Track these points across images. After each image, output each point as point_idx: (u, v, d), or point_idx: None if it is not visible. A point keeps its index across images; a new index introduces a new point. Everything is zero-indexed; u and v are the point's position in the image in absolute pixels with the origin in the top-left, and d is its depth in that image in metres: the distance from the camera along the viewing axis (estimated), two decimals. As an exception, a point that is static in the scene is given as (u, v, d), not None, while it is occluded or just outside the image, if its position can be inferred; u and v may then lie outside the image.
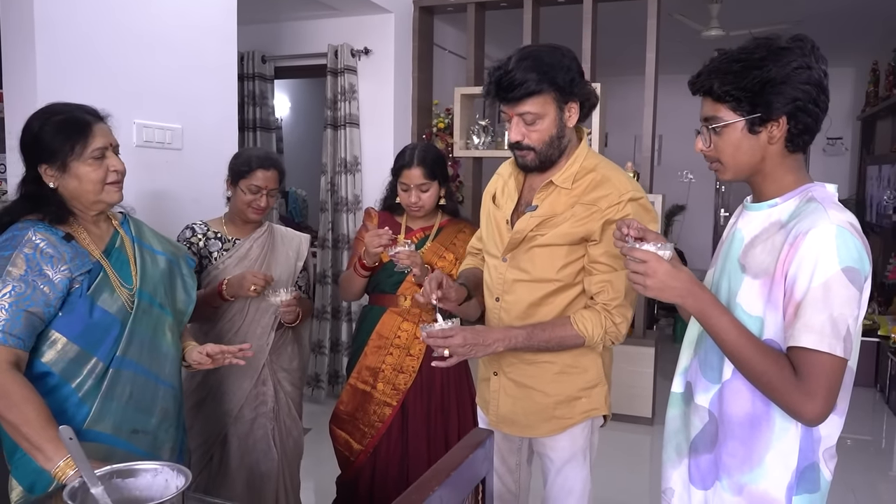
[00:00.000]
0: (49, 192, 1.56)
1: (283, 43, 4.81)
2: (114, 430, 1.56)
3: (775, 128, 1.29)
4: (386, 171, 4.44)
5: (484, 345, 1.64)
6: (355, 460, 2.43)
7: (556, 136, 1.71)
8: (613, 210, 1.68)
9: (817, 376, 1.19)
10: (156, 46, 2.62)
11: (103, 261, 1.59)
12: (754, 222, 1.37)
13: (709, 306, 1.28)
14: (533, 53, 1.69)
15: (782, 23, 5.55)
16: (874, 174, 6.52)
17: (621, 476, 3.77)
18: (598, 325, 1.69)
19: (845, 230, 1.21)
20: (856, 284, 1.20)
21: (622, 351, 4.33)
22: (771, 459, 1.31)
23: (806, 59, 1.26)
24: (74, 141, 1.54)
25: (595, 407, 1.83)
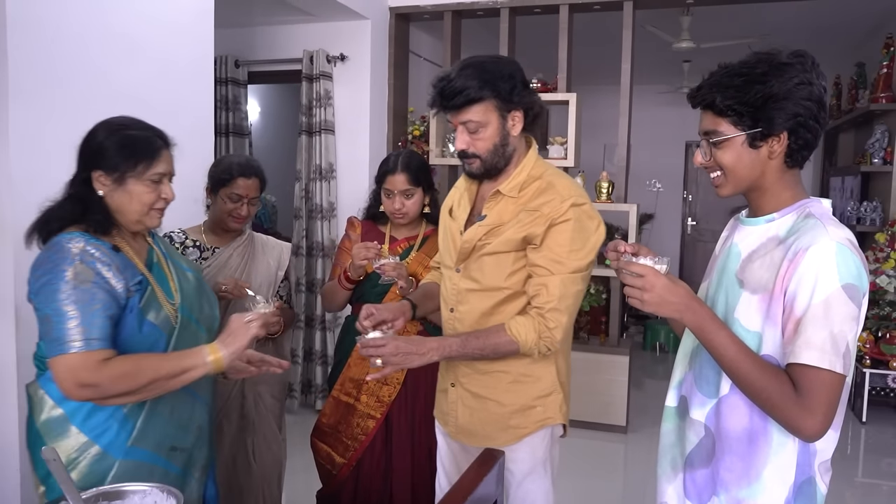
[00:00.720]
0: (96, 198, 1.52)
1: (256, 48, 4.74)
2: (154, 448, 1.53)
3: (776, 143, 1.29)
4: (361, 178, 4.47)
5: (418, 353, 1.64)
6: (338, 474, 2.39)
7: (500, 143, 1.73)
8: (555, 214, 1.68)
9: (817, 393, 1.19)
10: (131, 49, 2.56)
11: (148, 275, 1.57)
12: (751, 237, 1.36)
13: (707, 321, 1.28)
14: (475, 62, 1.72)
15: (749, 37, 5.67)
16: (837, 185, 6.68)
17: (595, 485, 3.79)
18: (532, 331, 1.68)
19: (845, 247, 1.22)
20: (855, 301, 1.21)
21: (596, 360, 4.35)
22: (769, 475, 1.31)
23: (807, 75, 1.27)
24: (140, 159, 1.52)
25: (550, 416, 1.82)
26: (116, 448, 1.48)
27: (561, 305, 1.68)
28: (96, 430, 1.47)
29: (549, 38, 4.58)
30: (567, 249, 1.68)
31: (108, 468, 1.46)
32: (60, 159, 2.27)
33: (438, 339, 1.70)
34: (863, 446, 4.38)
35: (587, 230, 1.71)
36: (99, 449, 1.46)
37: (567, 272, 1.68)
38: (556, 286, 1.67)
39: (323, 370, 4.49)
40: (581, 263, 1.69)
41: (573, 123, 4.31)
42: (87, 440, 1.46)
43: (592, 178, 4.56)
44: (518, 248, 1.73)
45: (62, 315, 1.38)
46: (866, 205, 5.48)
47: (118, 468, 1.47)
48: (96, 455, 1.46)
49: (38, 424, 1.48)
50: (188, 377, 1.46)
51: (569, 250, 1.68)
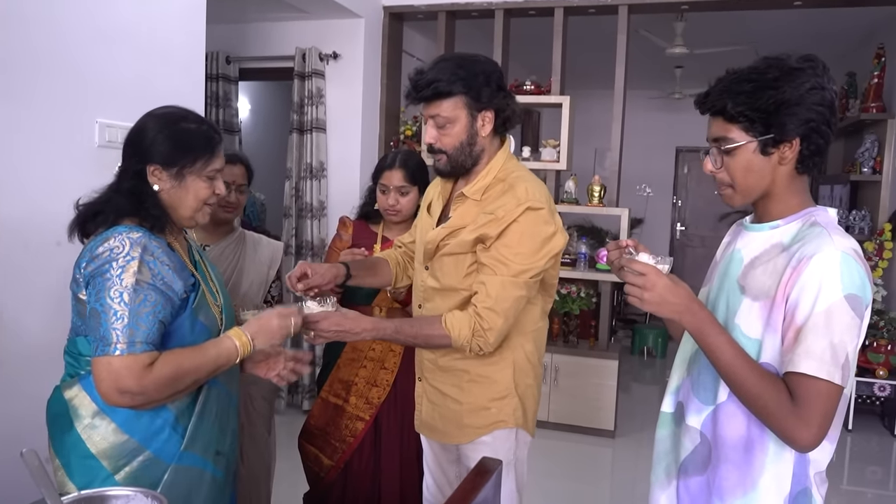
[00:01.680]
0: (151, 192, 1.47)
1: (248, 44, 4.70)
2: (203, 452, 1.49)
3: (788, 149, 1.27)
4: (352, 177, 4.44)
5: (352, 332, 1.64)
6: (325, 476, 2.36)
7: (468, 142, 1.71)
8: (508, 217, 1.66)
9: (814, 403, 1.18)
10: (121, 43, 2.51)
11: (197, 275, 1.53)
12: (754, 243, 1.34)
13: (706, 324, 1.26)
14: (452, 57, 1.72)
15: (741, 44, 5.69)
16: (826, 194, 6.71)
17: (583, 489, 3.78)
18: (467, 327, 1.66)
19: (850, 257, 1.20)
20: (857, 312, 1.19)
21: (585, 364, 4.34)
22: (764, 484, 1.30)
23: (819, 80, 1.24)
24: (200, 154, 1.49)
25: (503, 419, 1.80)
26: (169, 453, 1.43)
27: (497, 307, 1.65)
28: (146, 434, 1.41)
29: (544, 41, 4.57)
30: (514, 252, 1.65)
31: (161, 474, 1.41)
32: (48, 153, 2.24)
33: (375, 320, 1.69)
34: (848, 454, 4.40)
35: (539, 235, 1.67)
36: (150, 454, 1.41)
37: (510, 274, 1.65)
38: (495, 286, 1.65)
39: (311, 371, 4.46)
40: (526, 267, 1.65)
41: (566, 126, 4.30)
42: (137, 444, 1.40)
43: (584, 181, 4.56)
44: (473, 250, 1.72)
45: (110, 313, 1.33)
46: (855, 214, 5.51)
47: (171, 474, 1.42)
48: (146, 460, 1.41)
49: (79, 430, 1.40)
50: (222, 369, 1.46)
51: (515, 252, 1.65)
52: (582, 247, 4.56)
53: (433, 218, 1.87)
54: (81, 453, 1.40)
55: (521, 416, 1.82)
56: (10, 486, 2.07)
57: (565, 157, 4.33)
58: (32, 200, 2.17)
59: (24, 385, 2.06)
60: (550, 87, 4.45)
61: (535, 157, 4.50)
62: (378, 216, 2.40)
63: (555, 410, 4.39)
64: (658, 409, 1.54)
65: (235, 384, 1.63)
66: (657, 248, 8.97)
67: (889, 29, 5.39)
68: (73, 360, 1.47)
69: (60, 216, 2.06)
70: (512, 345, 1.79)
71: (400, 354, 2.31)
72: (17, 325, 2.13)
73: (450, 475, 1.96)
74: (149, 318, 1.36)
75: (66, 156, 2.30)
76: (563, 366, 4.38)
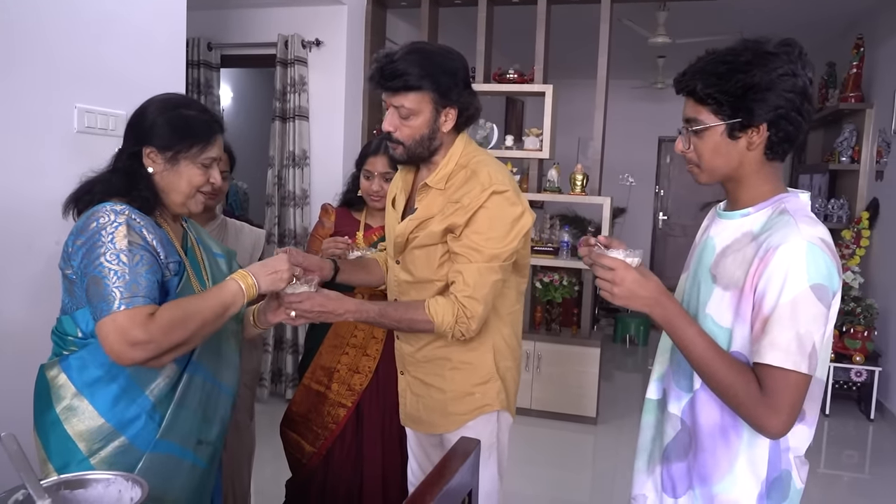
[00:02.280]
0: (145, 174, 1.48)
1: (230, 30, 4.66)
2: (182, 441, 1.48)
3: (755, 134, 1.26)
4: (335, 165, 4.43)
5: (335, 313, 1.64)
6: (307, 462, 2.36)
7: (427, 136, 1.71)
8: (475, 204, 1.67)
9: (782, 392, 1.19)
10: (100, 28, 2.48)
11: (185, 259, 1.53)
12: (726, 231, 1.35)
13: (675, 317, 1.27)
14: (423, 49, 1.69)
15: (723, 34, 5.72)
16: (806, 182, 6.79)
17: (565, 475, 3.81)
18: (450, 314, 1.67)
19: (815, 246, 1.20)
20: (823, 301, 1.20)
21: (567, 351, 4.38)
22: (741, 469, 1.32)
23: (792, 66, 1.23)
24: (196, 140, 1.49)
25: (488, 402, 1.82)
26: (144, 441, 1.42)
27: (477, 294, 1.67)
28: (122, 420, 1.41)
29: (527, 30, 4.57)
30: (485, 237, 1.66)
31: (135, 461, 1.41)
32: (26, 138, 2.22)
33: (358, 302, 1.68)
34: (825, 438, 4.47)
35: (507, 217, 1.68)
36: (125, 440, 1.41)
37: (483, 260, 1.66)
38: (472, 274, 1.66)
39: (294, 359, 4.46)
40: (499, 251, 1.67)
41: (549, 115, 4.31)
42: (113, 429, 1.40)
43: (567, 170, 4.58)
44: (443, 241, 1.73)
45: (110, 274, 1.33)
46: (834, 202, 5.58)
47: (145, 462, 1.42)
48: (121, 446, 1.40)
49: (58, 411, 1.41)
50: (230, 313, 1.45)
51: (486, 238, 1.66)
52: (564, 235, 4.58)
53: (398, 211, 1.87)
54: (59, 434, 1.40)
55: (504, 399, 1.84)
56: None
57: (548, 146, 4.35)
58: (10, 185, 2.15)
59: (6, 369, 2.05)
60: (533, 75, 4.45)
61: (519, 145, 4.51)
62: (361, 203, 2.40)
63: (537, 398, 4.42)
64: (640, 396, 1.56)
65: (229, 374, 1.63)
66: (640, 237, 9.07)
67: (868, 19, 5.45)
68: (60, 340, 1.47)
69: (39, 201, 2.04)
70: (490, 329, 1.80)
71: (382, 341, 2.32)
72: (3, 309, 2.12)
73: (434, 460, 1.97)
74: (148, 275, 1.37)
75: (45, 141, 2.27)
76: (545, 353, 4.41)
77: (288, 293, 1.59)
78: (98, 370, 1.41)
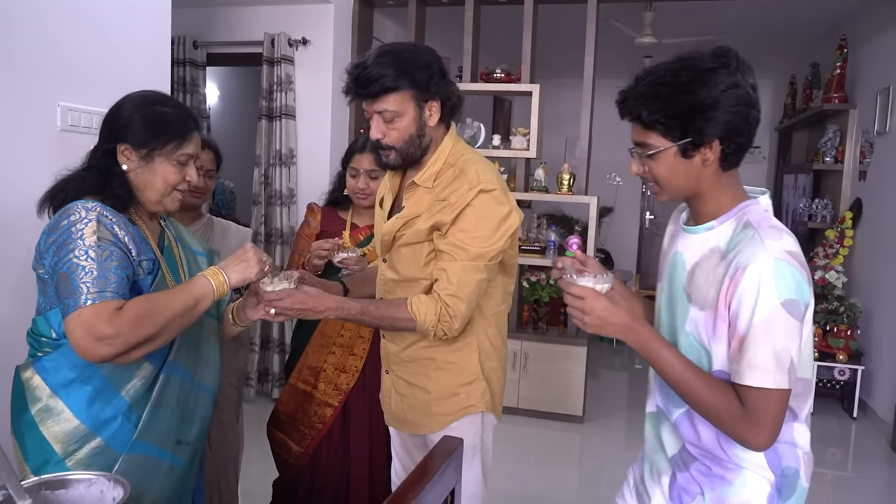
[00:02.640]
0: (119, 172, 1.47)
1: (216, 29, 4.63)
2: (160, 442, 1.46)
3: (708, 151, 1.25)
4: (322, 164, 4.41)
5: (315, 310, 1.62)
6: (294, 462, 2.36)
7: (417, 134, 1.70)
8: (461, 202, 1.66)
9: (763, 410, 1.20)
10: (84, 24, 2.46)
11: (160, 256, 1.52)
12: (693, 247, 1.35)
13: (649, 341, 1.28)
14: (392, 50, 1.68)
15: (709, 34, 5.75)
16: (790, 182, 6.84)
17: (552, 473, 3.83)
18: (433, 312, 1.66)
19: (782, 262, 1.19)
20: (795, 315, 1.20)
21: (554, 350, 4.39)
22: (749, 472, 1.32)
23: (733, 79, 1.22)
24: (171, 137, 1.48)
25: (473, 403, 1.81)
26: (120, 442, 1.41)
27: (460, 293, 1.66)
28: (97, 421, 1.40)
29: (514, 30, 4.58)
30: (471, 236, 1.66)
31: (112, 463, 1.39)
32: (7, 136, 2.20)
33: (339, 299, 1.67)
34: (809, 436, 4.52)
35: (494, 216, 1.67)
36: (101, 441, 1.40)
37: (468, 259, 1.65)
38: (456, 272, 1.65)
39: (280, 358, 4.44)
40: (485, 250, 1.66)
41: (536, 115, 4.32)
42: (88, 431, 1.39)
43: (554, 170, 4.59)
44: (429, 239, 1.72)
45: (78, 270, 1.32)
46: (818, 202, 5.62)
47: (122, 463, 1.40)
48: (97, 448, 1.39)
49: (33, 412, 1.39)
50: (201, 308, 1.44)
51: (472, 236, 1.66)
52: (551, 235, 4.59)
53: (385, 210, 1.87)
54: (35, 435, 1.39)
55: (489, 400, 1.84)
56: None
57: (535, 146, 4.36)
58: (-8, 185, 2.13)
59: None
60: (521, 75, 4.46)
61: (506, 145, 4.52)
62: (347, 202, 2.39)
63: (524, 397, 4.43)
64: (627, 395, 1.57)
65: (209, 373, 1.61)
66: (626, 236, 9.10)
67: (852, 20, 5.50)
68: (34, 342, 1.46)
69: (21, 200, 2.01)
70: (475, 329, 1.80)
71: (369, 341, 2.31)
72: (-24, 313, 2.10)
73: (418, 460, 1.97)
74: (117, 271, 1.36)
75: (28, 139, 2.25)
76: (532, 352, 4.42)
77: (268, 290, 1.58)
78: (71, 372, 1.40)
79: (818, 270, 4.89)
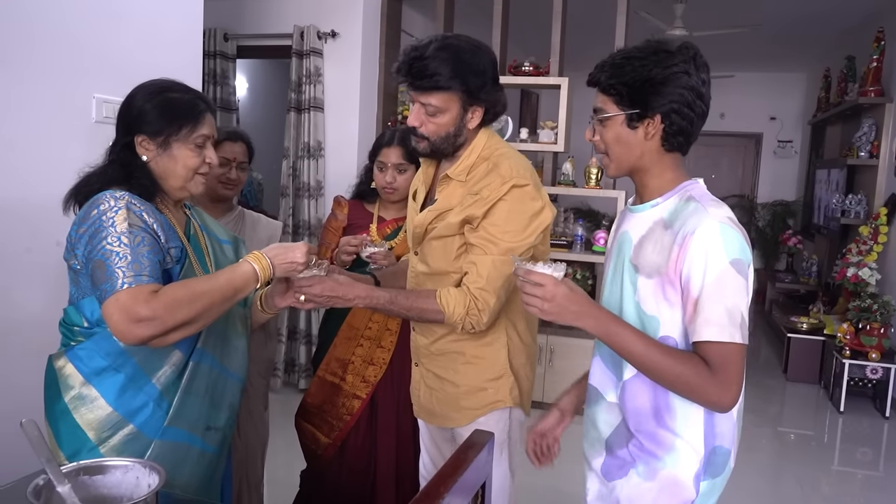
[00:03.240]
0: (140, 163, 1.49)
1: (246, 21, 4.67)
2: (190, 428, 1.49)
3: (651, 125, 1.35)
4: (350, 157, 4.43)
5: (344, 298, 1.63)
6: (322, 454, 2.38)
7: (454, 133, 1.70)
8: (494, 196, 1.66)
9: (727, 365, 1.25)
10: (119, 19, 2.50)
11: (187, 245, 1.54)
12: (640, 223, 1.41)
13: (609, 324, 1.31)
14: (453, 46, 1.66)
15: (742, 26, 5.66)
16: (823, 177, 6.72)
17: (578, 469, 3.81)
18: (461, 305, 1.65)
19: (727, 225, 1.28)
20: (742, 274, 1.27)
21: (580, 345, 4.37)
22: (680, 445, 1.36)
23: (686, 66, 1.32)
24: (184, 122, 1.49)
25: (500, 398, 1.81)
26: (152, 428, 1.44)
27: (489, 286, 1.65)
28: (130, 408, 1.42)
29: (543, 22, 4.55)
30: (501, 230, 1.65)
31: (144, 448, 1.42)
32: (44, 128, 2.24)
33: (368, 288, 1.67)
34: (839, 435, 4.45)
35: (526, 211, 1.66)
36: (133, 428, 1.42)
37: (499, 253, 1.65)
38: (486, 266, 1.65)
39: (307, 349, 4.48)
40: (515, 245, 1.65)
41: (564, 108, 4.29)
42: (121, 418, 1.42)
43: (582, 163, 4.56)
44: (460, 232, 1.72)
45: (112, 256, 1.34)
46: (851, 198, 5.52)
47: (154, 449, 1.43)
48: (130, 434, 1.42)
49: (66, 400, 1.42)
50: (242, 295, 1.45)
51: (503, 230, 1.65)
52: (578, 229, 4.57)
53: (418, 203, 1.87)
54: (69, 423, 1.42)
55: (517, 395, 1.83)
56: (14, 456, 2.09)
57: (563, 139, 4.33)
58: (29, 176, 2.17)
59: (26, 357, 2.07)
60: (549, 68, 4.43)
61: (533, 138, 4.50)
62: (374, 195, 2.40)
63: (550, 391, 4.42)
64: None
65: (236, 359, 1.63)
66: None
67: (890, 12, 5.37)
68: (67, 331, 1.48)
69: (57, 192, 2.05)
70: (505, 324, 1.80)
71: (396, 333, 2.32)
72: (16, 300, 2.15)
73: (446, 453, 1.98)
74: (150, 255, 1.38)
75: (63, 131, 2.29)
76: (558, 347, 4.41)
77: (298, 277, 1.59)
78: (104, 360, 1.42)
79: (851, 267, 4.81)
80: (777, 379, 5.44)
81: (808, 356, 5.30)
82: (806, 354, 5.31)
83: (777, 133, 8.61)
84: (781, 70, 8.24)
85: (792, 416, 4.96)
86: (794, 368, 5.37)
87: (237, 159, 2.23)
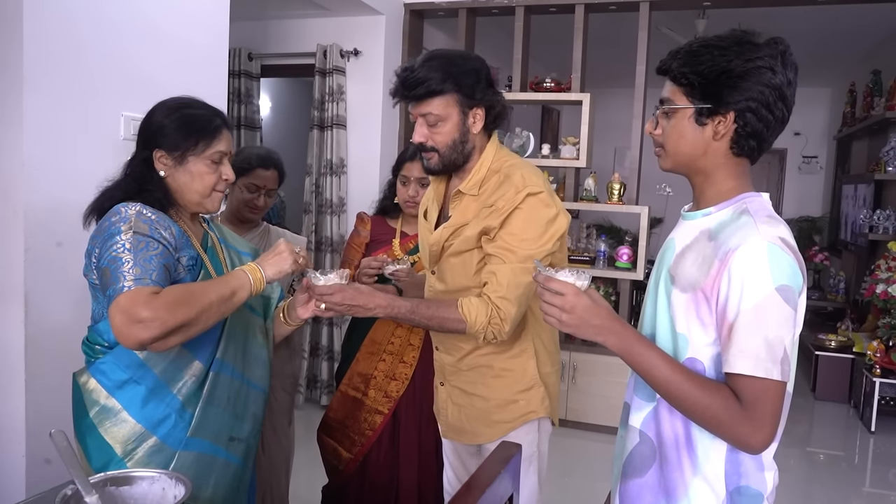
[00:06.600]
0: (157, 178, 1.52)
1: (270, 41, 4.74)
2: (213, 438, 1.50)
3: (722, 123, 1.21)
4: (372, 174, 4.46)
5: (365, 307, 1.61)
6: (344, 469, 2.37)
7: (460, 140, 1.71)
8: (509, 206, 1.65)
9: (760, 403, 1.12)
10: (146, 38, 2.55)
11: (203, 254, 1.56)
12: (687, 232, 1.29)
13: (632, 344, 1.19)
14: (440, 55, 1.70)
15: (766, 41, 5.63)
16: (849, 193, 6.63)
17: (602, 487, 3.76)
18: (483, 314, 1.64)
19: (776, 246, 1.13)
20: (790, 303, 1.13)
21: (603, 361, 4.33)
22: (699, 484, 1.24)
23: (772, 61, 1.17)
24: (200, 136, 1.52)
25: (533, 409, 1.80)
26: (175, 439, 1.45)
27: (510, 295, 1.64)
28: (153, 420, 1.44)
29: (564, 38, 4.56)
30: (519, 238, 1.65)
31: (168, 460, 1.44)
32: (74, 145, 2.28)
33: (390, 297, 1.66)
34: (871, 456, 4.35)
35: (542, 219, 1.66)
36: (157, 440, 1.44)
37: (518, 261, 1.64)
38: (506, 275, 1.64)
39: (329, 365, 4.49)
40: (534, 252, 1.65)
41: (586, 124, 4.29)
42: (144, 430, 1.43)
43: (604, 179, 4.54)
44: (479, 245, 1.72)
45: (117, 262, 1.36)
46: (879, 213, 5.44)
47: (178, 460, 1.44)
48: (154, 446, 1.43)
49: (92, 415, 1.44)
50: (238, 299, 1.45)
51: (521, 239, 1.65)
52: (601, 245, 4.54)
53: (431, 222, 1.87)
54: (95, 437, 1.44)
55: (548, 405, 1.83)
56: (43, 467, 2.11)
57: (585, 155, 4.32)
58: (58, 192, 2.21)
59: (55, 370, 2.10)
60: (570, 84, 4.44)
61: (555, 154, 4.49)
62: (397, 211, 2.41)
63: (573, 409, 4.38)
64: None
65: (258, 370, 1.64)
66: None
67: (916, 26, 5.32)
68: (89, 349, 1.51)
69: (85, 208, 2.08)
70: (531, 334, 1.79)
71: (419, 349, 2.32)
72: (45, 313, 2.17)
73: (470, 468, 1.96)
74: (153, 260, 1.39)
75: (92, 149, 2.33)
76: (581, 364, 4.37)
77: (319, 285, 1.59)
78: (124, 373, 1.44)
79: (880, 284, 4.72)
80: (805, 397, 5.34)
81: (837, 374, 5.20)
82: (835, 373, 5.21)
83: (801, 149, 8.51)
84: (805, 85, 8.12)
85: (821, 435, 4.85)
86: (823, 387, 5.26)
87: (267, 186, 2.24)
